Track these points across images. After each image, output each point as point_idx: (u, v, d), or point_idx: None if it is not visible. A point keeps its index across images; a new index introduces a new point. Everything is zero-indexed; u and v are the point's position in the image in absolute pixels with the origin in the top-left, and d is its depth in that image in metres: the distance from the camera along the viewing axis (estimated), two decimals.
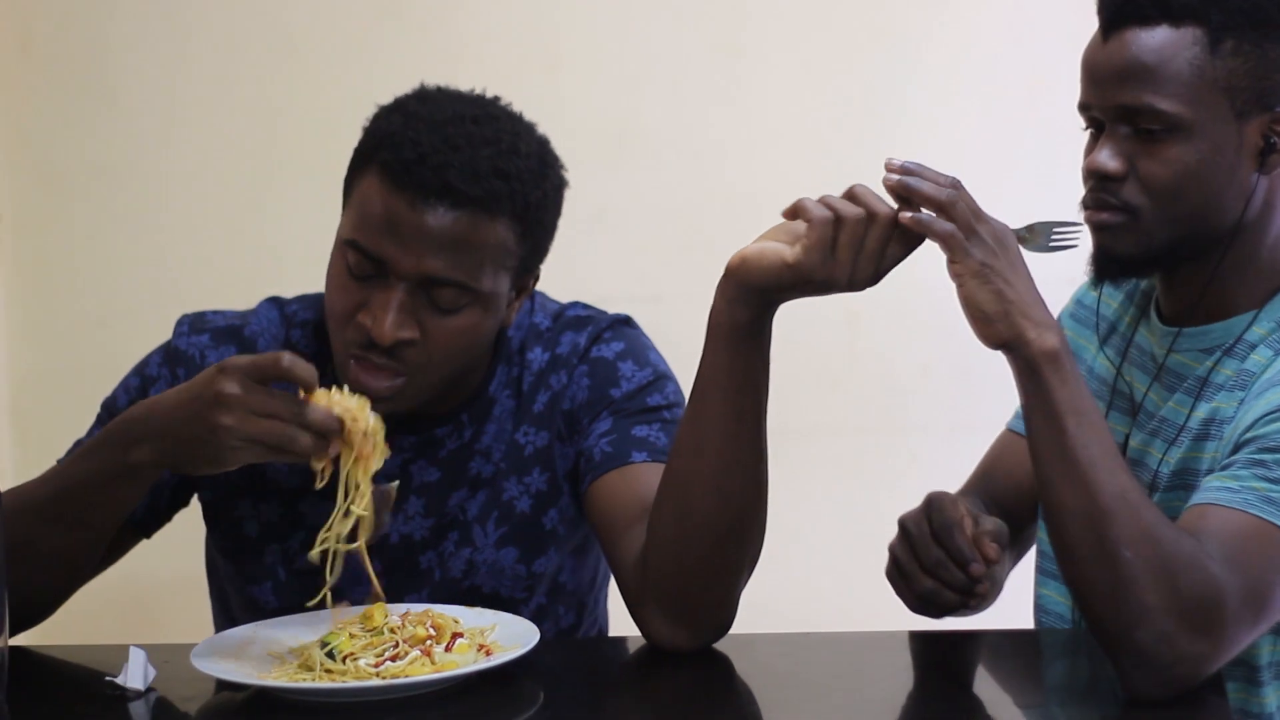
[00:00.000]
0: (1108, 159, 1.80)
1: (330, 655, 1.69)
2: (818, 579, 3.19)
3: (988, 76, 3.11)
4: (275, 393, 1.68)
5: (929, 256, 1.69)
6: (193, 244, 3.34)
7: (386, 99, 1.91)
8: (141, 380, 1.96)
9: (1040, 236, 1.77)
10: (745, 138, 3.30)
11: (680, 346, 1.99)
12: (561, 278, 2.09)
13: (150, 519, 1.96)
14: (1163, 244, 1.81)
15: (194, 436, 1.69)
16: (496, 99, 1.90)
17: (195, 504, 2.00)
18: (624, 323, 2.01)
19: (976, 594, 1.74)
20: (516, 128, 1.86)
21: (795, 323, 3.31)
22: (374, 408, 1.74)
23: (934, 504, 1.78)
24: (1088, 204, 1.84)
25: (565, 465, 1.95)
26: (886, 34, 3.27)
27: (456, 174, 1.78)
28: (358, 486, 1.74)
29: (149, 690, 1.71)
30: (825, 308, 3.32)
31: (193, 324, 1.98)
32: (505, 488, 1.95)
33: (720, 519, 1.72)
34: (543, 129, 1.92)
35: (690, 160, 3.29)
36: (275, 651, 1.76)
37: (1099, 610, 1.62)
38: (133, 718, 1.68)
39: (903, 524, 1.79)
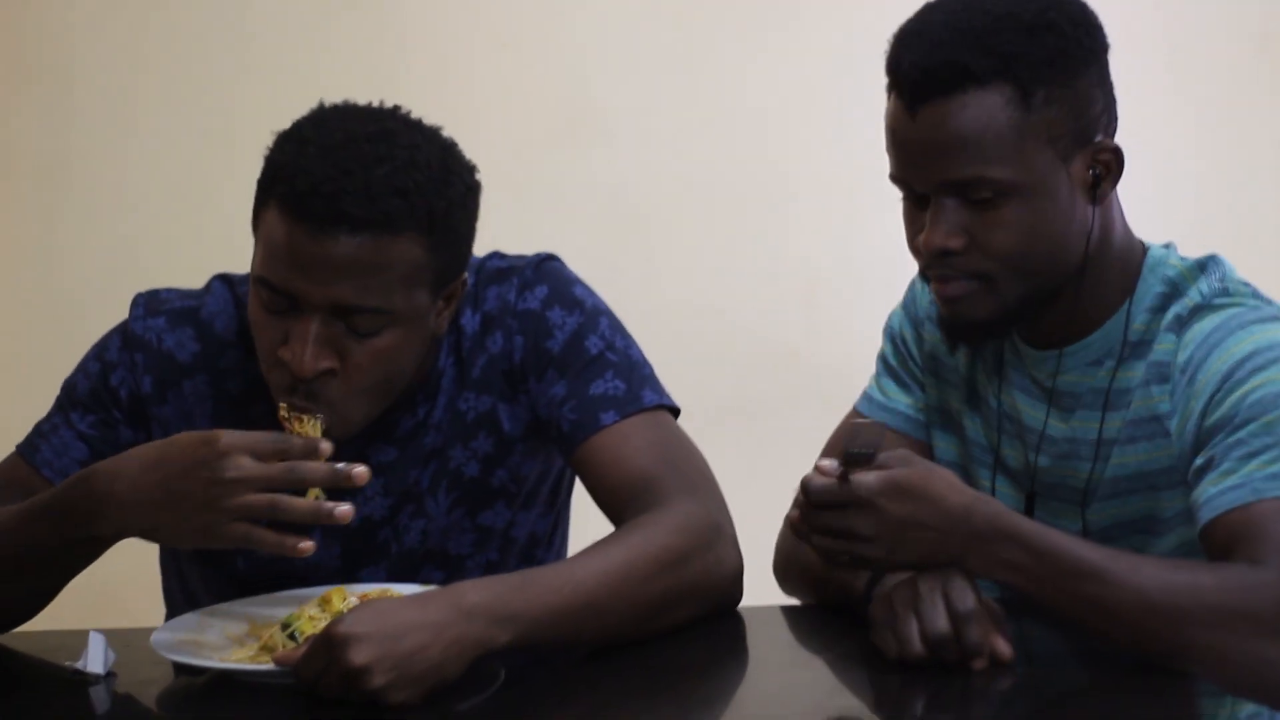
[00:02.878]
0: (945, 237, 1.74)
1: (292, 637, 1.69)
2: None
3: None
4: (273, 465, 1.66)
5: (885, 227, 1.68)
6: (148, 232, 3.34)
7: (339, 82, 1.90)
8: (102, 366, 1.96)
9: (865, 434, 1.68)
10: (698, 119, 3.31)
11: (631, 327, 1.99)
12: None
13: None
14: (1018, 299, 1.77)
15: (187, 517, 1.67)
16: (396, 109, 1.85)
17: None
18: (545, 261, 1.99)
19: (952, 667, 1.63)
20: (415, 139, 1.80)
21: (753, 299, 3.34)
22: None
23: (954, 583, 1.62)
24: (933, 277, 1.78)
25: (515, 425, 1.96)
26: (840, 16, 3.28)
27: (351, 200, 1.74)
28: None
29: (110, 675, 1.71)
30: (782, 283, 3.35)
31: (148, 305, 1.97)
32: (452, 455, 1.95)
33: None
34: (494, 110, 1.91)
35: (643, 141, 3.29)
36: (235, 634, 1.76)
37: (1202, 675, 1.60)
38: (94, 702, 1.69)
39: (918, 586, 1.63)
